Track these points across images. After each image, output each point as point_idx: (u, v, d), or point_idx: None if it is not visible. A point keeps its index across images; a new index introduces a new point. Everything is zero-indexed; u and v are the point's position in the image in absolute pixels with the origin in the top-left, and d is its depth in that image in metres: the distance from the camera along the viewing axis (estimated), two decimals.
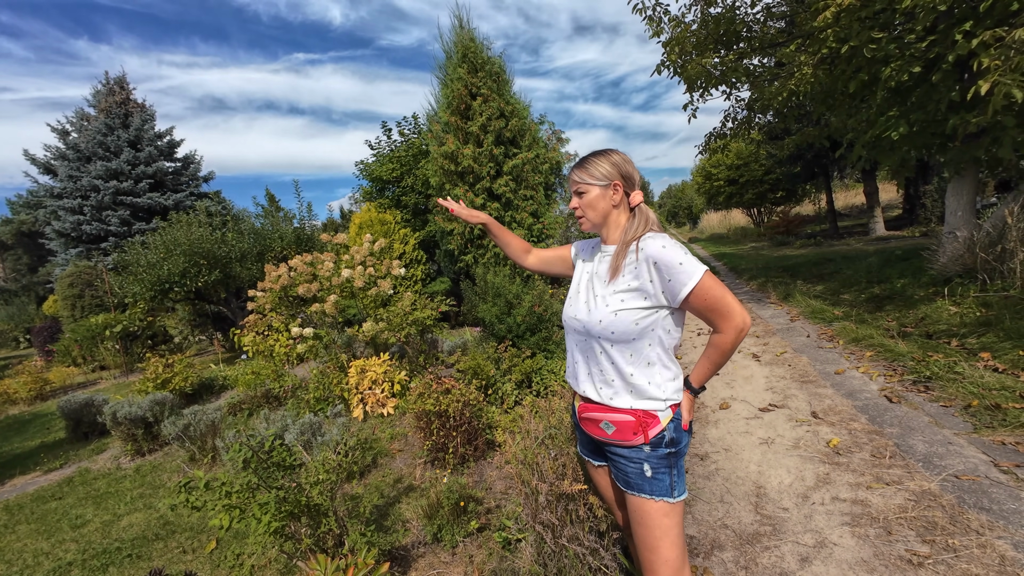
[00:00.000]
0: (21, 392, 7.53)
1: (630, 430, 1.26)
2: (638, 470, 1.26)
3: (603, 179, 1.33)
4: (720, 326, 1.19)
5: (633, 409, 1.26)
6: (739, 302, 1.18)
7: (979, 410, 2.68)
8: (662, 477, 1.24)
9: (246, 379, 5.18)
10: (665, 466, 1.24)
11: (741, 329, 1.17)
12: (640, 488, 1.27)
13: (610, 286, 1.30)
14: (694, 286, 1.16)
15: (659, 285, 1.21)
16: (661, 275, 1.20)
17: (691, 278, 1.16)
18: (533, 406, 2.49)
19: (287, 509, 1.80)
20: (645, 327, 1.24)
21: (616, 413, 1.28)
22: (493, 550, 2.18)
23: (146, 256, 8.56)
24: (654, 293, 1.22)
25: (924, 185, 12.26)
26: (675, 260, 1.18)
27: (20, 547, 2.95)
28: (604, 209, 1.35)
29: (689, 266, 1.17)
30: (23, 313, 18.11)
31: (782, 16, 6.97)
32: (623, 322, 1.24)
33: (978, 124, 3.92)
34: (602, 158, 1.35)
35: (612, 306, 1.27)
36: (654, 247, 1.22)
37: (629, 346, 1.26)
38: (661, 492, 1.24)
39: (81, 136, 15.18)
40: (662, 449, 1.24)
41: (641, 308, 1.24)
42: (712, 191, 20.33)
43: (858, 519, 2.01)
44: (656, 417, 1.25)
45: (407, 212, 8.66)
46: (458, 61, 6.97)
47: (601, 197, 1.34)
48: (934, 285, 4.90)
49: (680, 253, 1.19)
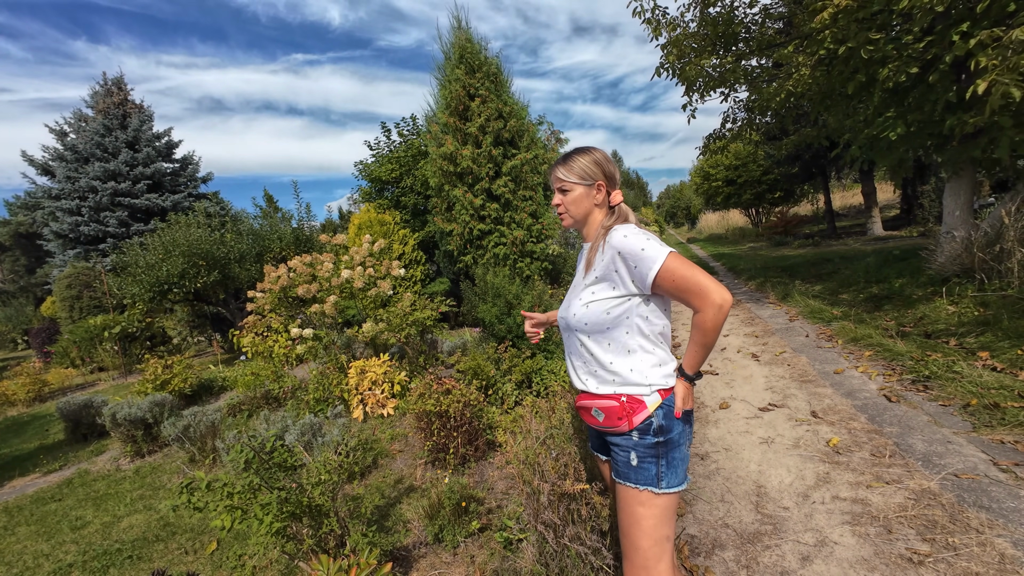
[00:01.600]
0: (19, 394, 7.49)
1: (615, 415, 1.26)
2: (626, 458, 1.27)
3: (588, 178, 1.35)
4: (696, 305, 1.19)
5: (616, 394, 1.27)
6: (714, 279, 1.17)
7: (978, 409, 2.69)
8: (648, 466, 1.24)
9: (245, 380, 5.17)
10: (652, 455, 1.23)
11: (720, 305, 1.15)
12: (626, 476, 1.27)
13: (583, 280, 1.35)
14: (659, 269, 1.17)
15: (626, 274, 1.23)
16: (627, 263, 1.22)
17: (655, 262, 1.18)
18: (534, 406, 2.49)
19: (289, 510, 1.80)
20: (618, 316, 1.26)
21: (602, 399, 1.30)
22: (495, 550, 2.18)
23: (145, 257, 8.54)
24: (622, 282, 1.24)
25: (922, 185, 12.31)
26: (636, 247, 1.20)
27: (20, 549, 2.94)
28: (587, 208, 1.38)
29: (651, 251, 1.18)
30: (21, 315, 18.04)
31: (780, 17, 7.00)
32: (594, 313, 1.27)
33: (975, 124, 3.94)
34: (586, 156, 1.36)
35: (584, 299, 1.31)
36: (616, 237, 1.24)
37: (605, 335, 1.28)
38: (645, 481, 1.24)
39: (79, 137, 15.14)
40: (649, 437, 1.23)
41: (611, 298, 1.26)
42: (710, 191, 20.37)
43: (858, 518, 2.02)
44: (642, 402, 1.24)
45: (406, 213, 8.66)
46: (456, 62, 6.98)
47: (585, 196, 1.36)
48: (932, 285, 4.92)
49: (641, 239, 1.21)
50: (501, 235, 6.80)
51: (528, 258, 6.93)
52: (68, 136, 15.55)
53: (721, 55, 6.36)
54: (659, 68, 6.46)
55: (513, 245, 6.77)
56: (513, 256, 6.80)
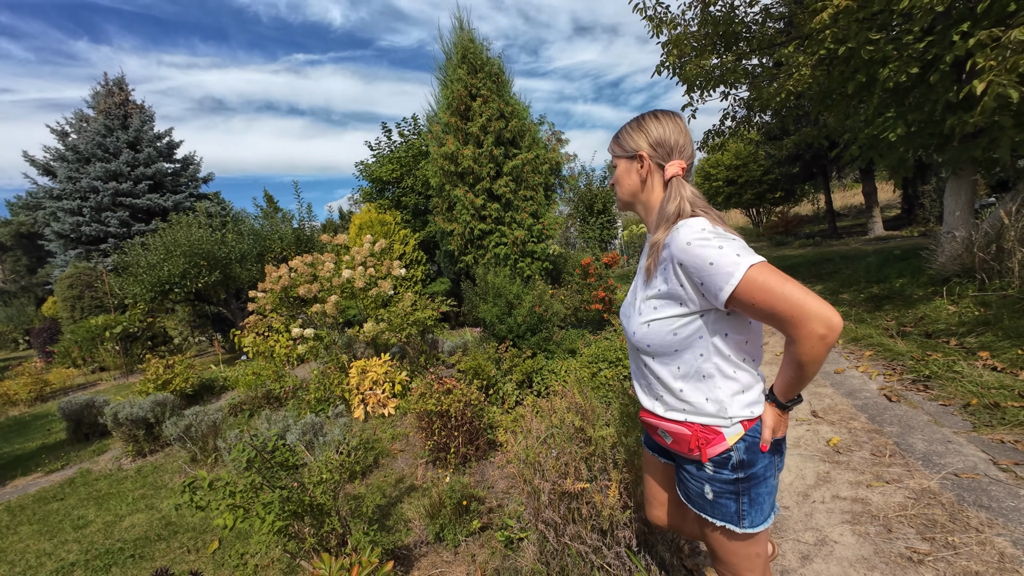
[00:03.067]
0: (21, 394, 7.51)
1: (686, 444, 1.07)
2: (699, 490, 1.09)
3: (629, 150, 1.11)
4: (791, 333, 0.90)
5: (689, 423, 1.06)
6: (817, 298, 0.87)
7: (978, 408, 2.69)
8: (726, 502, 1.06)
9: (247, 380, 5.19)
10: (731, 492, 1.04)
11: (822, 336, 0.86)
12: (701, 508, 1.11)
13: (645, 290, 1.10)
14: (732, 290, 0.90)
15: (691, 290, 0.98)
16: (691, 279, 0.97)
17: (728, 279, 0.90)
18: (535, 406, 2.50)
19: (291, 509, 1.81)
20: (688, 336, 1.02)
21: (671, 424, 1.10)
22: (495, 549, 2.18)
23: (146, 257, 8.57)
24: (689, 298, 0.99)
25: (922, 185, 12.30)
26: (704, 260, 0.93)
27: (23, 548, 2.95)
28: (630, 186, 1.14)
29: (723, 264, 0.91)
30: (22, 315, 18.08)
31: (780, 17, 7.01)
32: (658, 333, 1.05)
33: (975, 124, 3.94)
34: (634, 124, 1.12)
35: (644, 315, 1.07)
36: (678, 245, 0.97)
37: (673, 359, 1.06)
38: (724, 518, 1.07)
39: (80, 137, 15.17)
40: (726, 473, 1.03)
41: (676, 316, 1.02)
42: (711, 191, 20.35)
43: (858, 517, 2.02)
44: (719, 433, 1.03)
45: (407, 213, 8.68)
46: (458, 62, 6.99)
47: (627, 172, 1.13)
48: (933, 285, 4.92)
49: (711, 249, 0.93)
50: (502, 235, 6.81)
51: (529, 258, 6.94)
52: (69, 136, 15.58)
53: (722, 54, 6.36)
54: (659, 67, 6.47)
55: (514, 245, 6.78)
56: (514, 256, 6.81)
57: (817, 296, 0.88)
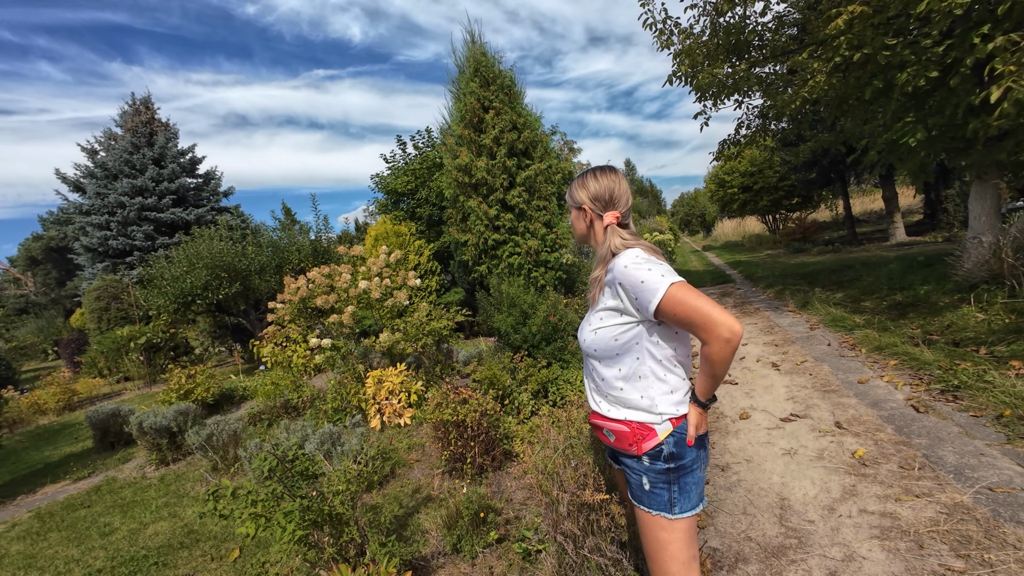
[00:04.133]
0: (50, 403, 7.76)
1: (626, 440, 1.27)
2: (638, 481, 1.28)
3: (576, 203, 1.39)
4: (703, 337, 1.13)
5: (627, 420, 1.27)
6: (722, 310, 1.10)
7: (1012, 420, 2.60)
8: (660, 492, 1.24)
9: (265, 390, 5.27)
10: (664, 481, 1.24)
11: (727, 339, 1.09)
12: (639, 499, 1.29)
13: (595, 306, 1.35)
14: (658, 302, 1.14)
15: (629, 304, 1.22)
16: (628, 295, 1.21)
17: (655, 295, 1.14)
18: (551, 416, 2.49)
19: (311, 518, 1.83)
20: (626, 342, 1.25)
21: (613, 423, 1.31)
22: (513, 561, 2.17)
23: (170, 269, 8.82)
24: (627, 309, 1.23)
25: (945, 189, 12.01)
26: (637, 279, 1.17)
27: (52, 554, 3.03)
28: (580, 230, 1.43)
29: (651, 282, 1.15)
30: (51, 326, 18.71)
31: (794, 23, 6.97)
32: (603, 339, 1.28)
33: (999, 127, 3.85)
34: (580, 181, 1.40)
35: (593, 324, 1.31)
36: (618, 268, 1.23)
37: (615, 361, 1.28)
38: (658, 506, 1.25)
39: (108, 155, 15.76)
40: (660, 464, 1.23)
41: (618, 324, 1.25)
42: (726, 198, 20.19)
43: (887, 532, 1.96)
44: (652, 430, 1.24)
45: (422, 224, 8.78)
46: (470, 75, 7.10)
47: (577, 219, 1.42)
48: (959, 292, 4.78)
49: (642, 270, 1.18)
50: (515, 245, 6.84)
51: (542, 267, 6.95)
52: (98, 154, 16.20)
53: (734, 63, 6.35)
54: (671, 76, 6.49)
55: (527, 255, 6.80)
56: (528, 266, 6.83)
57: (723, 308, 1.12)
